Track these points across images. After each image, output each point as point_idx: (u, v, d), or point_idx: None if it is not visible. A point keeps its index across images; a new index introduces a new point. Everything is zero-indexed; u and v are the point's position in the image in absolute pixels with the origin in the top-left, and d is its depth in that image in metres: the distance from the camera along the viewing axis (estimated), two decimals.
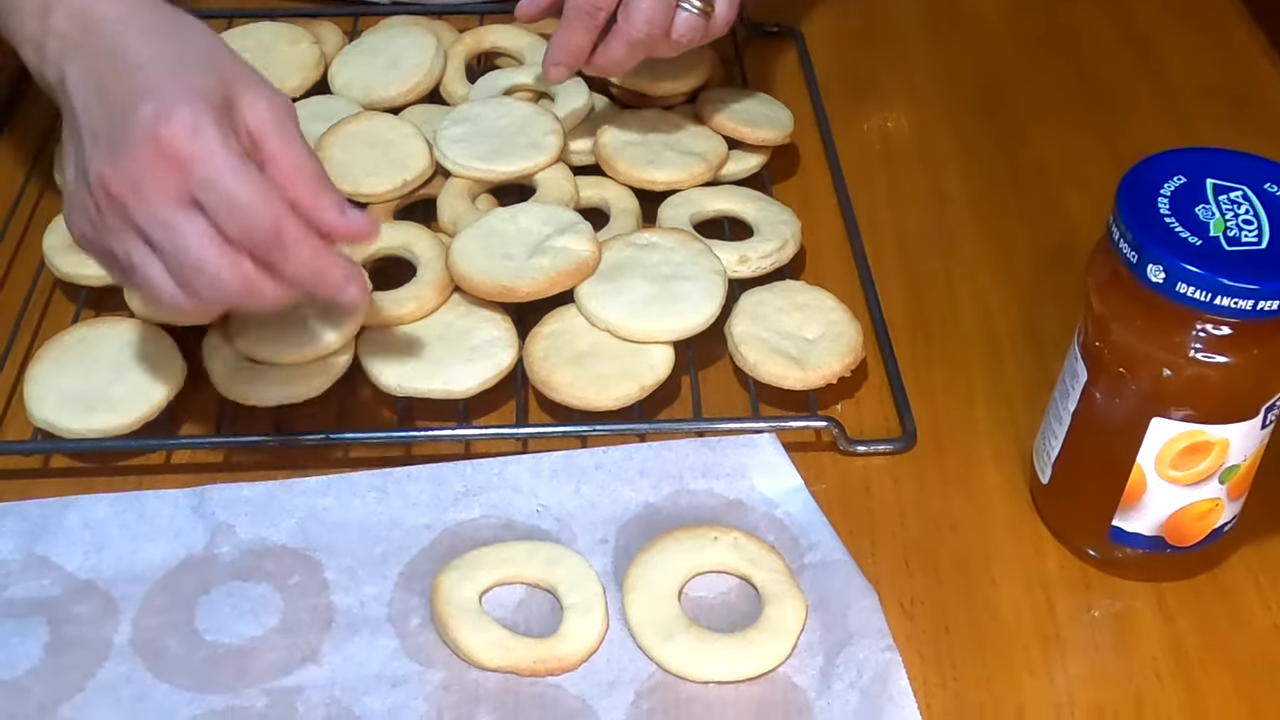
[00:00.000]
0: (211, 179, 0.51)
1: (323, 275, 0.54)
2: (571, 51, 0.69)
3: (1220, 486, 0.54)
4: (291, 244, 0.53)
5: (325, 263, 0.54)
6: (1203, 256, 0.49)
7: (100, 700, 0.53)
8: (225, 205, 0.51)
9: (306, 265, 0.53)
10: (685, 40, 0.68)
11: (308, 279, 0.54)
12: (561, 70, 0.70)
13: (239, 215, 0.52)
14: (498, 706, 0.53)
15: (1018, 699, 0.54)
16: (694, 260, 0.67)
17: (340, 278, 0.54)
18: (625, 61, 0.69)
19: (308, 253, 0.53)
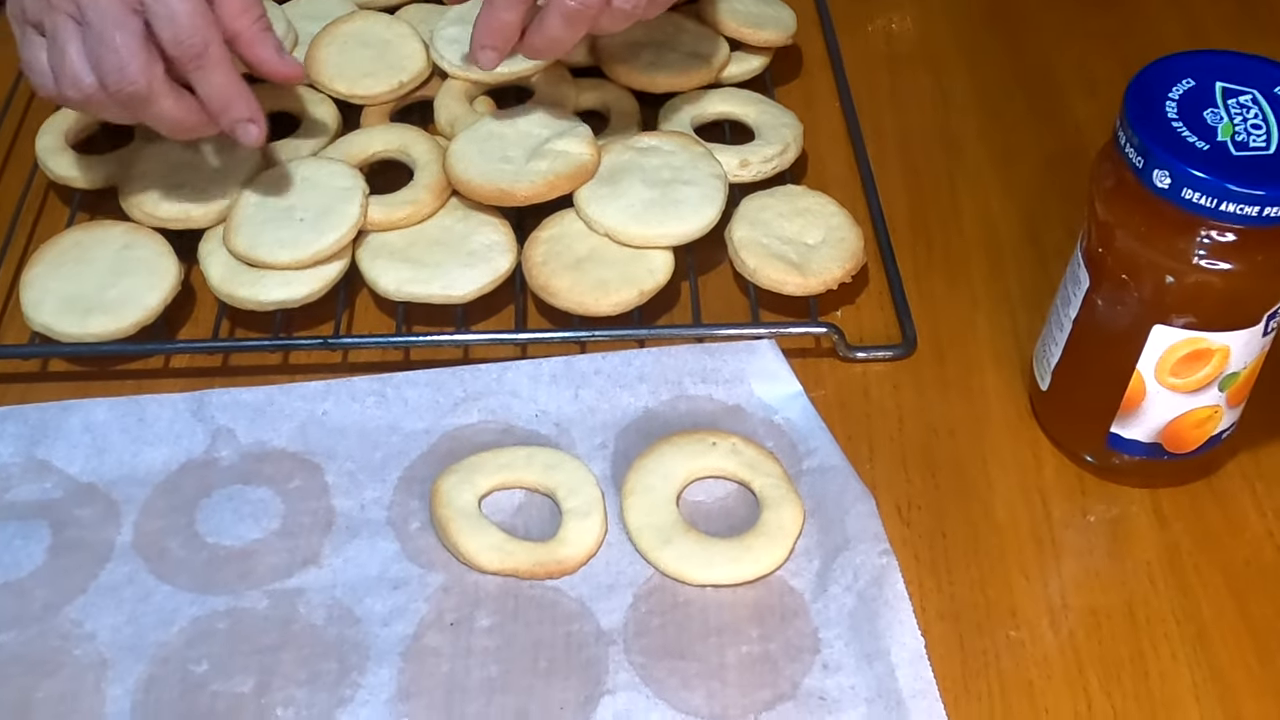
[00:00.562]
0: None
1: (230, 104, 0.59)
2: (500, 31, 0.62)
3: (1219, 394, 0.54)
4: (212, 64, 0.58)
5: (236, 92, 0.59)
6: (1209, 162, 0.48)
7: (103, 601, 0.54)
8: (166, 13, 0.56)
9: (218, 89, 0.58)
10: (630, 5, 0.60)
11: (215, 102, 0.59)
12: (491, 54, 0.63)
13: (176, 24, 0.56)
14: (498, 609, 0.54)
15: (1011, 602, 0.55)
16: (694, 164, 0.67)
17: (244, 112, 0.59)
18: (563, 39, 0.62)
19: (221, 78, 0.58)
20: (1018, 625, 0.54)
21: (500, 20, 0.62)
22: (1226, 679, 0.52)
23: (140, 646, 0.52)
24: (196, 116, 0.60)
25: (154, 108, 0.58)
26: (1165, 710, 0.51)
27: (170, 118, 0.59)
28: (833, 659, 0.52)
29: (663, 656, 0.52)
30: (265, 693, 0.51)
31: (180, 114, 0.59)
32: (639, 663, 0.52)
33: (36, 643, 0.52)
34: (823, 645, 0.52)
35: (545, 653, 0.52)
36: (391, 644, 0.52)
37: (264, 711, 0.50)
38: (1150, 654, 0.53)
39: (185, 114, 0.59)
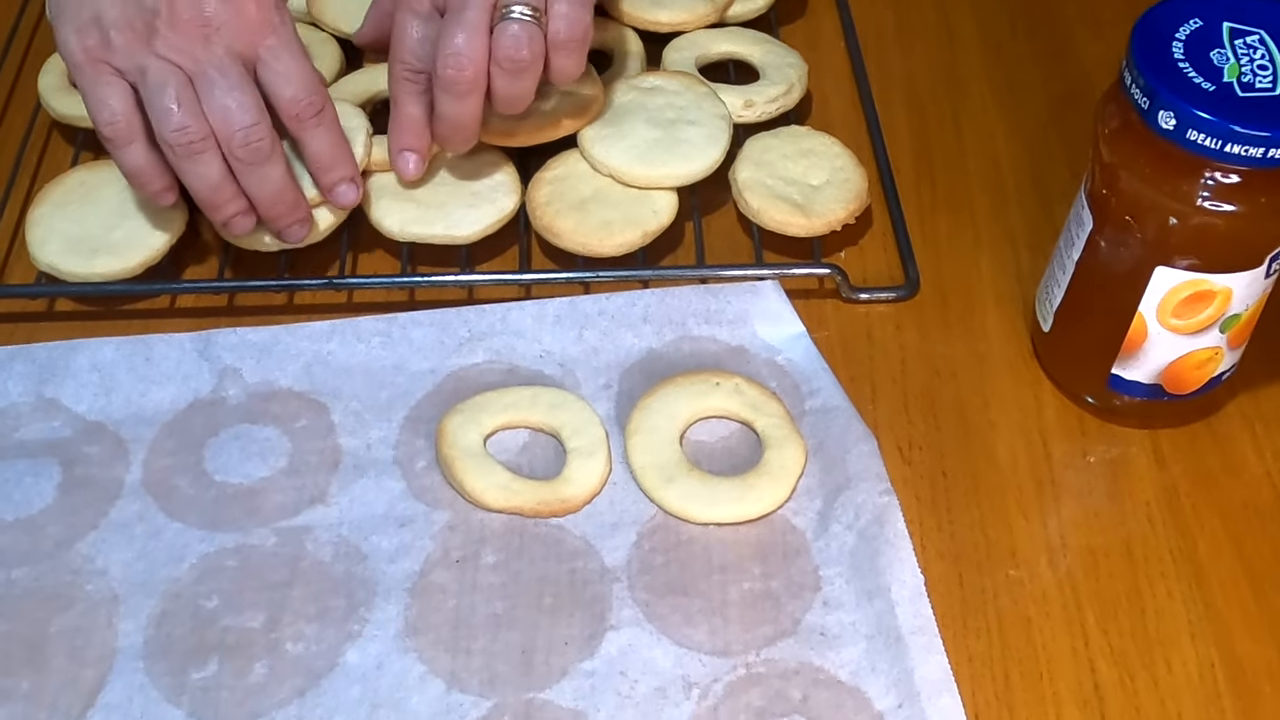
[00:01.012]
0: (282, 47, 0.58)
1: (336, 163, 0.61)
2: (411, 129, 0.61)
3: (1221, 336, 0.55)
4: (327, 123, 0.60)
5: (343, 152, 0.61)
6: (1215, 103, 0.48)
7: (114, 537, 0.54)
8: (285, 70, 0.58)
9: (328, 147, 0.60)
10: (522, 57, 0.57)
11: (322, 160, 0.60)
12: (412, 159, 0.62)
13: (295, 83, 0.58)
14: (503, 546, 0.54)
15: (1011, 541, 0.55)
16: (699, 104, 0.66)
17: (348, 171, 0.61)
18: (463, 119, 0.59)
19: (334, 137, 0.60)
20: (1017, 564, 0.54)
21: (407, 115, 0.61)
22: (1222, 617, 0.53)
23: (151, 582, 0.53)
24: (295, 195, 0.60)
25: (271, 170, 0.58)
26: (1161, 647, 0.52)
27: (277, 183, 0.59)
28: (833, 596, 0.53)
29: (666, 593, 0.53)
30: (275, 628, 0.52)
31: (286, 186, 0.59)
32: (642, 599, 0.53)
33: (49, 578, 0.53)
34: (824, 583, 0.53)
35: (550, 589, 0.53)
36: (398, 580, 0.53)
37: (274, 646, 0.51)
38: (1147, 592, 0.54)
39: (291, 189, 0.60)
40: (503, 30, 0.57)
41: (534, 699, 0.50)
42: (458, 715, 0.49)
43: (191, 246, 0.65)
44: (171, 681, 0.50)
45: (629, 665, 0.51)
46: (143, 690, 0.50)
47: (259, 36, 0.57)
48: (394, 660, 0.51)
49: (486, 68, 0.58)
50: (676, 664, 0.51)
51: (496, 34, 0.57)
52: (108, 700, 0.50)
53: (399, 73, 0.60)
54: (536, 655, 0.51)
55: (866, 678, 0.50)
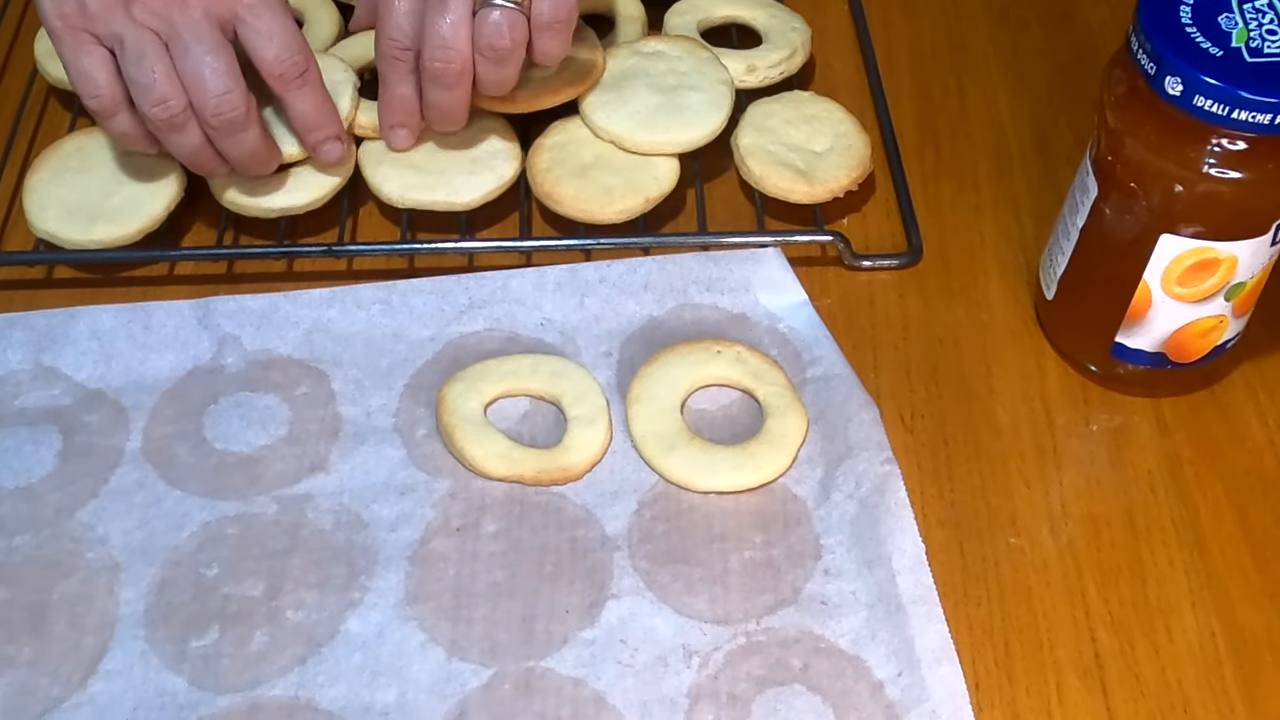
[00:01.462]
0: (263, 5, 0.57)
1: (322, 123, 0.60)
2: (402, 108, 0.61)
3: (1226, 304, 0.54)
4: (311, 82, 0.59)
5: (328, 110, 0.60)
6: (1223, 68, 0.48)
7: (115, 505, 0.54)
8: (266, 30, 0.57)
9: (313, 108, 0.60)
10: (503, 45, 0.57)
11: (308, 120, 0.60)
12: (403, 134, 0.62)
13: (278, 42, 0.57)
14: (503, 515, 0.54)
15: (1012, 509, 0.55)
16: (700, 70, 0.66)
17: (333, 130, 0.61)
18: (452, 106, 0.60)
19: (319, 97, 0.60)
20: (1018, 532, 0.54)
21: (398, 94, 0.60)
22: (1223, 585, 0.53)
23: (152, 550, 0.53)
24: (269, 151, 0.60)
25: (246, 135, 0.58)
26: (1161, 615, 0.52)
27: (252, 148, 0.59)
28: (834, 565, 0.52)
29: (666, 562, 0.53)
30: (276, 596, 0.52)
31: (260, 146, 0.59)
32: (643, 568, 0.53)
33: (49, 545, 0.53)
34: (824, 551, 0.53)
35: (550, 558, 0.53)
36: (399, 549, 0.53)
37: (275, 614, 0.51)
38: (1148, 561, 0.54)
39: (265, 147, 0.60)
40: (484, 18, 0.56)
41: (534, 667, 0.50)
42: (458, 683, 0.49)
43: (190, 213, 0.65)
44: (172, 649, 0.50)
45: (629, 634, 0.51)
46: (144, 658, 0.50)
47: None
48: (395, 628, 0.51)
49: (472, 55, 0.57)
50: (677, 632, 0.51)
51: (478, 21, 0.56)
52: (109, 667, 0.50)
53: (387, 50, 0.59)
54: (537, 624, 0.51)
55: (867, 646, 0.50)
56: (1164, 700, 0.50)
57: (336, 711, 0.49)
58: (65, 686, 0.49)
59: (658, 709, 0.49)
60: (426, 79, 0.58)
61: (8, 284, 0.63)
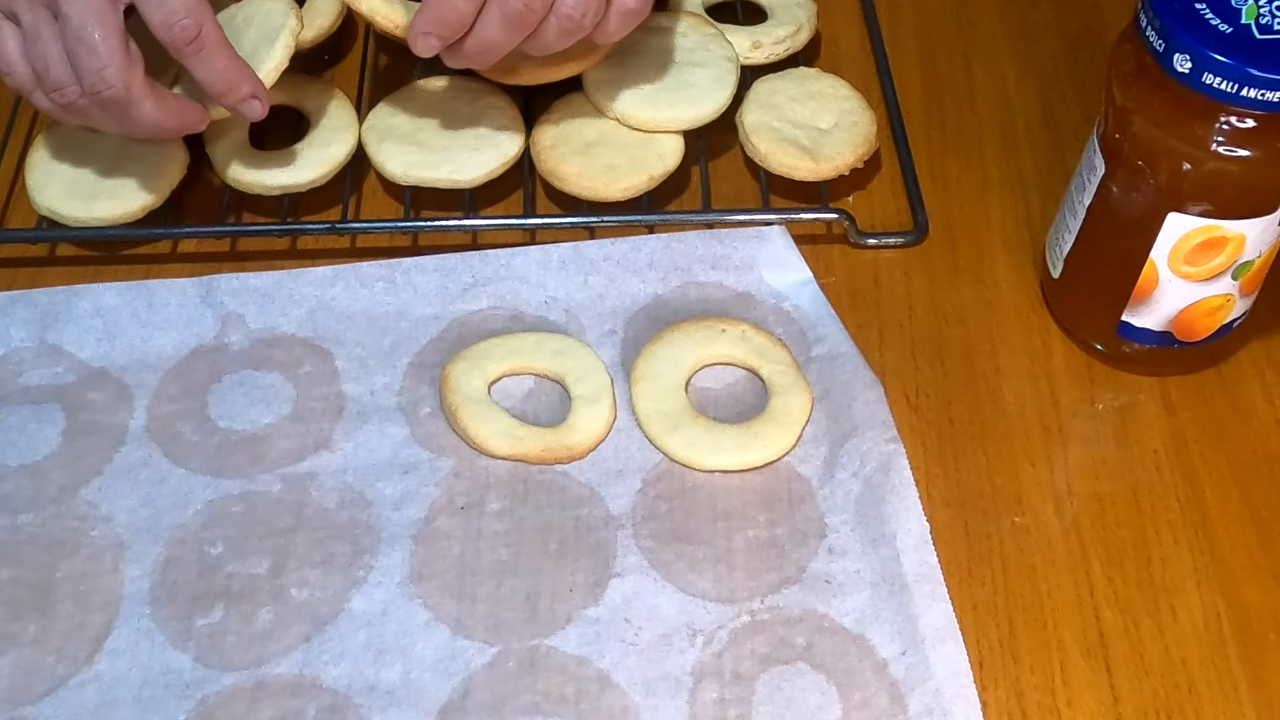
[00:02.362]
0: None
1: (233, 85, 0.56)
2: (448, 21, 0.55)
3: (1233, 282, 0.54)
4: (210, 46, 0.55)
5: (237, 72, 0.56)
6: (1232, 45, 0.47)
7: (119, 483, 0.54)
8: (152, 1, 0.53)
9: (219, 72, 0.55)
10: (577, 20, 0.55)
11: (217, 84, 0.56)
12: (432, 41, 0.56)
13: (166, 6, 0.53)
14: (508, 493, 0.54)
15: (1017, 488, 0.55)
16: (705, 46, 0.65)
17: (248, 89, 0.57)
18: (498, 44, 0.56)
19: (222, 60, 0.55)
20: (1023, 511, 0.54)
21: (454, 8, 0.55)
22: (1228, 565, 0.53)
23: (156, 528, 0.53)
24: (178, 120, 0.57)
25: (134, 112, 0.55)
26: (1166, 595, 0.52)
27: (151, 122, 0.55)
28: (839, 544, 0.52)
29: (671, 540, 0.53)
30: (280, 574, 0.52)
31: (161, 117, 0.56)
32: (647, 546, 0.53)
33: (54, 524, 0.53)
34: (829, 530, 0.53)
35: (555, 536, 0.53)
36: (403, 527, 0.53)
37: (279, 592, 0.51)
38: (1153, 540, 0.54)
39: (166, 117, 0.56)
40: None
41: (539, 645, 0.50)
42: (463, 661, 0.50)
43: (193, 190, 0.65)
44: (177, 627, 0.50)
45: (633, 612, 0.51)
46: (149, 635, 0.50)
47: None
48: (399, 606, 0.51)
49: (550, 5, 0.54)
50: (681, 611, 0.51)
51: None
52: (114, 645, 0.50)
53: None
54: (541, 602, 0.51)
55: (871, 625, 0.50)
56: (1168, 679, 0.50)
57: (341, 690, 0.49)
58: (70, 664, 0.49)
59: (662, 687, 0.49)
60: (502, 9, 0.54)
61: (10, 261, 0.63)
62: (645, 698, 0.49)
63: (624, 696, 0.49)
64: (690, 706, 0.48)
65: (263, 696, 0.49)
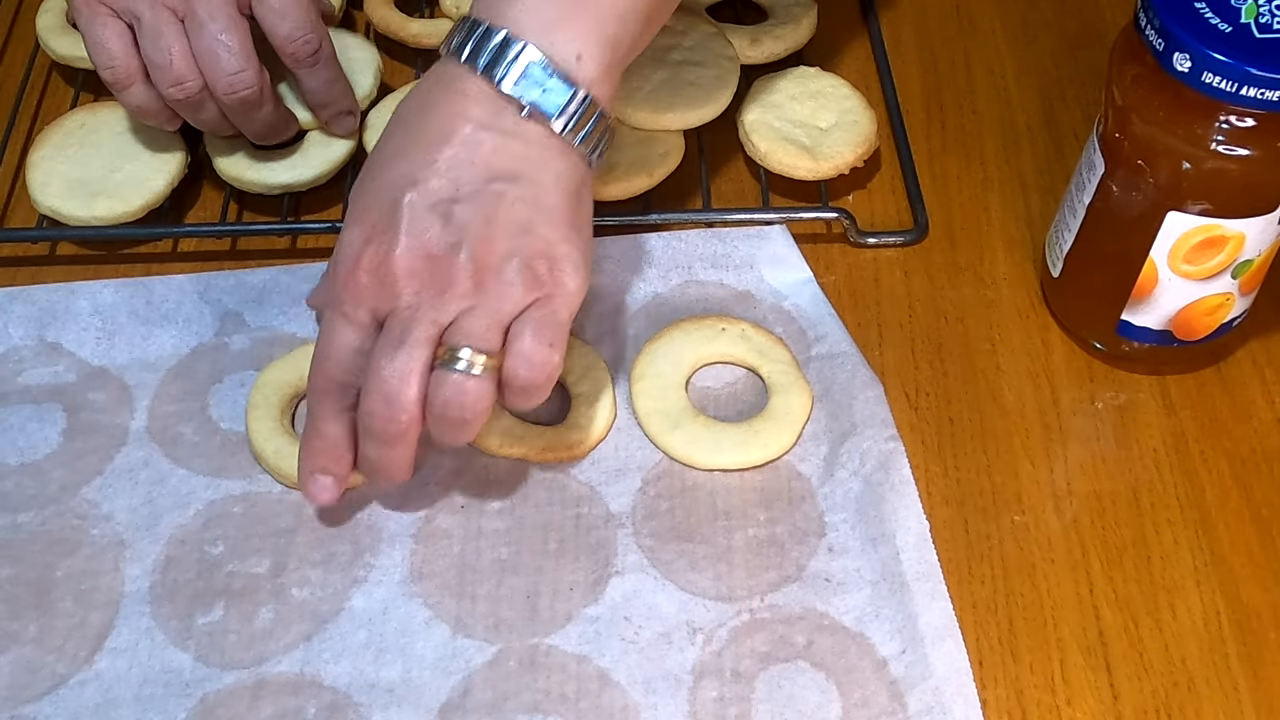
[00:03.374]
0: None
1: (337, 98, 0.61)
2: (328, 451, 0.49)
3: (1233, 281, 0.54)
4: (325, 60, 0.59)
5: (342, 86, 0.61)
6: (1231, 44, 0.47)
7: (120, 483, 0.54)
8: (279, 6, 0.57)
9: (325, 84, 0.60)
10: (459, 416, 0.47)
11: (321, 96, 0.60)
12: (326, 483, 0.50)
13: (290, 20, 0.57)
14: (508, 492, 0.54)
15: (1017, 487, 0.55)
16: (706, 45, 0.65)
17: (347, 104, 0.62)
18: (389, 462, 0.48)
19: (331, 73, 0.60)
20: (1022, 510, 0.54)
21: (327, 434, 0.49)
22: (1227, 563, 0.53)
23: (157, 528, 0.53)
24: (286, 123, 0.61)
25: (258, 113, 0.58)
26: (1166, 593, 0.52)
27: (269, 124, 0.59)
28: (838, 542, 0.52)
29: (671, 539, 0.53)
30: (281, 573, 0.52)
31: (277, 120, 0.60)
32: (647, 545, 0.53)
33: (54, 522, 0.53)
34: (829, 529, 0.53)
35: (555, 535, 0.53)
36: (403, 526, 0.53)
37: (280, 591, 0.51)
38: (1153, 539, 0.54)
39: (281, 120, 0.60)
40: (442, 378, 0.47)
41: (539, 644, 0.50)
42: (463, 660, 0.50)
43: (194, 189, 0.65)
44: (178, 626, 0.50)
45: (633, 611, 0.51)
46: (149, 634, 0.50)
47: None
48: (399, 605, 0.51)
49: (422, 413, 0.47)
50: (681, 609, 0.51)
51: (435, 379, 0.47)
52: (115, 644, 0.50)
53: (321, 384, 0.49)
54: (541, 600, 0.51)
55: (871, 623, 0.50)
56: (1168, 678, 0.50)
57: (341, 688, 0.49)
58: (71, 663, 0.49)
59: (662, 685, 0.49)
60: (364, 430, 0.48)
61: (11, 260, 0.63)
62: (645, 696, 0.49)
63: (624, 695, 0.49)
64: (690, 705, 0.48)
65: (263, 695, 0.49)
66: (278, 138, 0.61)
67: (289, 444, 0.54)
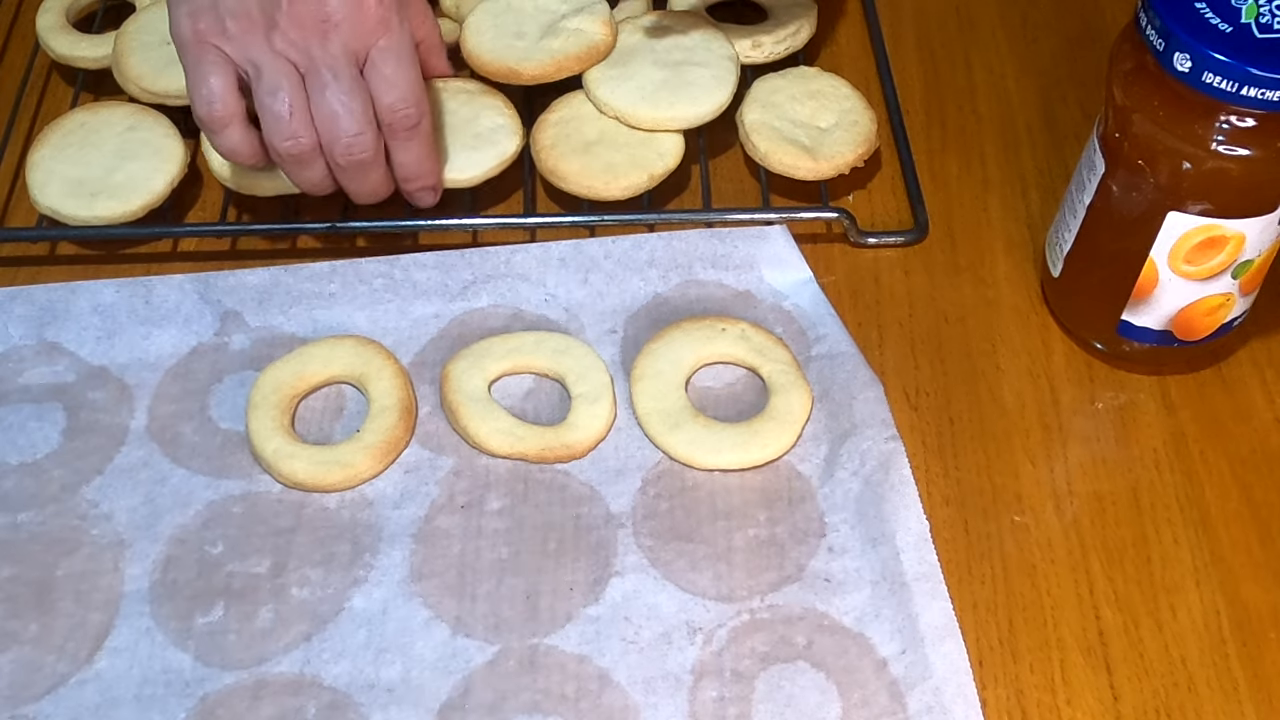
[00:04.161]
0: (393, 51, 0.56)
1: (425, 174, 0.60)
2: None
3: (1233, 281, 0.54)
4: (422, 135, 0.58)
5: (432, 162, 0.60)
6: (1232, 45, 0.47)
7: (120, 483, 0.54)
8: (391, 75, 0.56)
9: (417, 159, 0.59)
10: None
11: (410, 169, 0.60)
12: None
13: (398, 91, 0.56)
14: (508, 492, 0.54)
15: (1017, 487, 0.55)
16: (706, 45, 0.65)
17: (433, 180, 0.61)
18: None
19: (425, 149, 0.59)
20: (1022, 510, 0.54)
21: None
22: (1227, 563, 0.53)
23: (157, 528, 0.53)
24: (388, 185, 0.60)
25: (370, 175, 0.58)
26: (1166, 593, 0.52)
27: (375, 187, 0.59)
28: (838, 542, 0.52)
29: (671, 539, 0.53)
30: (281, 573, 0.52)
31: (383, 184, 0.59)
32: (647, 545, 0.53)
33: (54, 522, 0.53)
34: (829, 529, 0.53)
35: (555, 535, 0.53)
36: (403, 526, 0.53)
37: (280, 591, 0.51)
38: (1153, 539, 0.54)
39: (384, 185, 0.60)
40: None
41: (539, 644, 0.50)
42: (463, 660, 0.50)
43: (193, 189, 0.65)
44: (178, 626, 0.50)
45: (633, 611, 0.51)
46: (149, 634, 0.50)
47: (374, 35, 0.56)
48: (399, 605, 0.51)
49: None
50: (681, 609, 0.51)
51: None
52: (115, 644, 0.50)
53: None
54: (541, 600, 0.51)
55: (871, 624, 0.50)
56: (1168, 678, 0.50)
57: (341, 688, 0.49)
58: (71, 663, 0.49)
59: (661, 685, 0.49)
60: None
61: (10, 260, 0.63)
62: (645, 696, 0.49)
63: (624, 695, 0.49)
64: (690, 705, 0.48)
65: (263, 695, 0.49)
66: (377, 200, 0.60)
67: (289, 444, 0.54)
